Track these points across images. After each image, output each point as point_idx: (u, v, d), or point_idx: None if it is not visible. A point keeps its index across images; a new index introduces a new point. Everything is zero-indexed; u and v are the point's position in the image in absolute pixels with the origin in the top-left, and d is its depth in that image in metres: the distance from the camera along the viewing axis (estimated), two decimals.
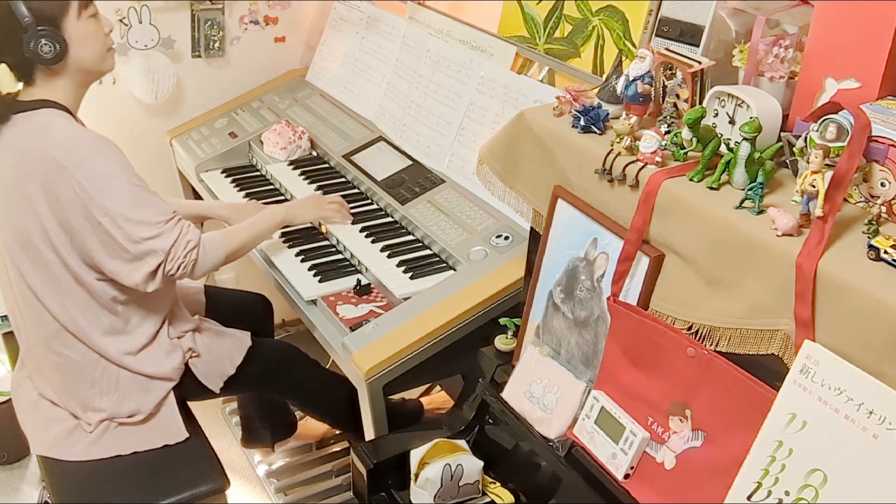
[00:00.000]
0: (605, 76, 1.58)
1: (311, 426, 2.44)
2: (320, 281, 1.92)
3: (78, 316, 1.68)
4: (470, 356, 1.64)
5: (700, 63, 1.32)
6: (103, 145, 1.61)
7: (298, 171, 2.36)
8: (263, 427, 2.33)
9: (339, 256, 2.03)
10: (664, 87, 1.39)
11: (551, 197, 1.43)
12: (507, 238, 1.85)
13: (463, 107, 2.13)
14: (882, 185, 1.08)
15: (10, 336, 2.43)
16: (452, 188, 2.07)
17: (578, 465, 1.32)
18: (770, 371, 1.09)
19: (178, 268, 1.63)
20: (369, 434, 1.75)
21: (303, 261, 1.99)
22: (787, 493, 1.00)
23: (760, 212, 1.12)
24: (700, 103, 1.32)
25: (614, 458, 1.25)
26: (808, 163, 1.08)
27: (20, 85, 1.67)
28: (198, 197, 2.61)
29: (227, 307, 2.08)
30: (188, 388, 1.82)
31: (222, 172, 2.47)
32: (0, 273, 1.77)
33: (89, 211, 1.56)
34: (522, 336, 1.53)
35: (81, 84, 1.70)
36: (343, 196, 2.18)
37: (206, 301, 2.10)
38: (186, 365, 1.81)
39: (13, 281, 1.72)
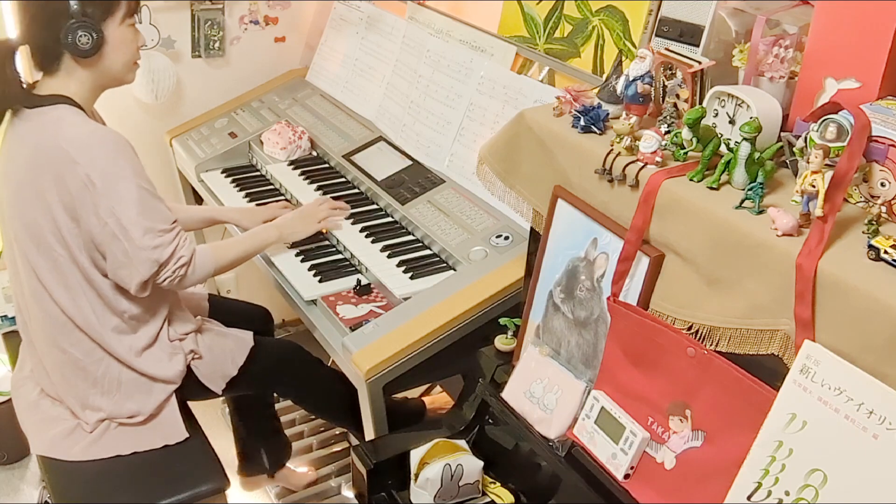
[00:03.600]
0: (605, 76, 1.58)
1: (297, 474, 2.42)
2: (320, 281, 1.92)
3: (88, 311, 1.69)
4: (470, 356, 1.64)
5: (700, 63, 1.32)
6: (116, 144, 1.61)
7: (298, 171, 2.36)
8: (260, 454, 2.31)
9: (339, 256, 2.03)
10: (664, 87, 1.39)
11: (551, 197, 1.43)
12: (507, 238, 1.85)
13: (463, 107, 2.13)
14: (882, 185, 1.08)
15: (10, 336, 2.43)
16: (452, 188, 2.07)
17: (578, 465, 1.32)
18: (770, 371, 1.08)
19: (167, 280, 1.66)
20: (369, 434, 1.75)
21: (303, 261, 1.99)
22: (787, 493, 1.00)
23: (760, 212, 1.12)
24: (700, 103, 1.32)
25: (614, 458, 1.25)
26: (808, 163, 1.08)
27: (39, 75, 1.66)
28: (198, 197, 2.61)
29: (229, 315, 2.08)
30: (190, 388, 1.82)
31: (222, 172, 2.47)
32: (10, 268, 1.77)
33: (98, 208, 1.57)
34: (522, 336, 1.53)
35: (100, 86, 1.70)
36: (343, 196, 2.18)
37: (209, 307, 2.10)
38: (188, 367, 1.80)
39: (23, 275, 1.72)
